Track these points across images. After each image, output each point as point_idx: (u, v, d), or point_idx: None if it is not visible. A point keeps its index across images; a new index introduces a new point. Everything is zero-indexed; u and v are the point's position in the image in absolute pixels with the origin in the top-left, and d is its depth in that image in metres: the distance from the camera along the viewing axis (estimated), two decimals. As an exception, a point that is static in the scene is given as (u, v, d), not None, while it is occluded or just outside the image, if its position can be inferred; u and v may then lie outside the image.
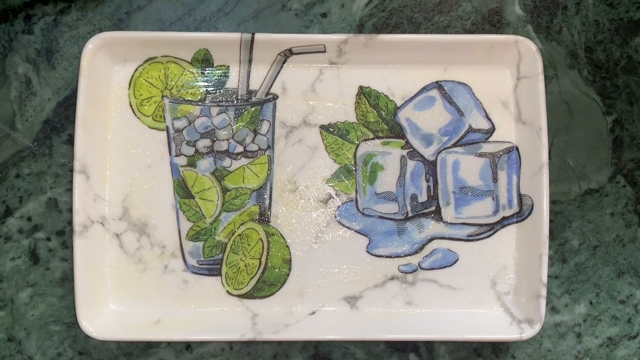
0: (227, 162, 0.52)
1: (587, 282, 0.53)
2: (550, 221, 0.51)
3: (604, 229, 0.53)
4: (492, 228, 0.52)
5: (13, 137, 0.52)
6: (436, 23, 0.53)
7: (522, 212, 0.51)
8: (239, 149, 0.52)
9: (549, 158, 0.50)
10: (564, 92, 0.53)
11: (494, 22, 0.53)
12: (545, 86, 0.50)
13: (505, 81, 0.52)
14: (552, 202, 0.52)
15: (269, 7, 0.54)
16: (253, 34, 0.49)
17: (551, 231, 0.52)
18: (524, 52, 0.50)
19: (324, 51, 0.51)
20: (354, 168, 0.52)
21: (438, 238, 0.52)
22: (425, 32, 0.53)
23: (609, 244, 0.53)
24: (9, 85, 0.53)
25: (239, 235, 0.51)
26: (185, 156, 0.51)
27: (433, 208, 0.52)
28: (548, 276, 0.50)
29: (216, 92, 0.52)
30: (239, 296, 0.51)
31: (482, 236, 0.52)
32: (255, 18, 0.54)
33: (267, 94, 0.52)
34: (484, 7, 0.53)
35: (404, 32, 0.53)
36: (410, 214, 0.52)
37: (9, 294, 0.52)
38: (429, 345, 0.52)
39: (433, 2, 0.53)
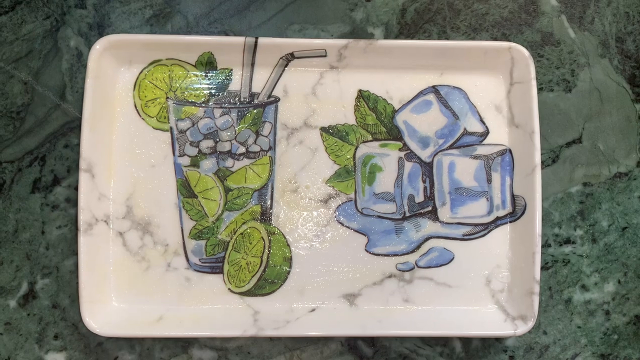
0: (229, 162, 0.53)
1: (615, 261, 0.55)
2: (581, 202, 0.53)
3: (632, 211, 0.55)
4: (486, 228, 0.53)
5: (63, 108, 0.53)
6: (475, 10, 0.55)
7: (515, 212, 0.53)
8: (242, 149, 0.53)
9: (580, 142, 0.54)
10: (595, 80, 0.56)
11: (529, 12, 0.56)
12: (578, 74, 0.53)
13: (499, 86, 0.54)
14: (584, 185, 0.55)
15: None
16: (256, 38, 0.51)
17: (582, 212, 0.54)
18: (517, 58, 0.52)
19: (325, 55, 0.52)
20: (353, 169, 0.53)
21: (434, 237, 0.53)
22: (464, 19, 0.56)
23: (637, 226, 0.55)
24: (61, 57, 0.54)
25: (241, 234, 0.53)
26: (189, 156, 0.53)
27: (429, 208, 0.53)
28: (578, 255, 0.52)
29: (219, 94, 0.53)
30: (240, 294, 0.52)
31: (476, 235, 0.53)
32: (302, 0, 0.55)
33: (269, 96, 0.53)
34: None
35: (444, 18, 0.55)
36: (407, 214, 0.53)
37: (54, 261, 0.53)
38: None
39: None
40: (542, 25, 0.56)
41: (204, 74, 0.53)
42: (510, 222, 0.53)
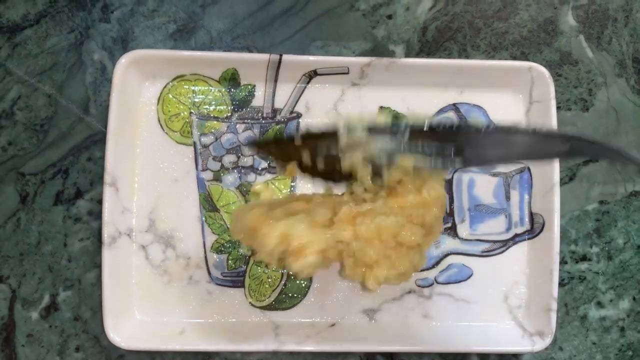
0: (251, 177, 0.53)
1: (630, 279, 0.56)
2: (597, 220, 0.55)
3: None
4: (504, 244, 0.54)
5: (86, 121, 0.54)
6: (495, 29, 0.56)
7: (534, 230, 0.53)
8: (264, 164, 0.53)
9: (597, 160, 0.55)
10: (612, 99, 0.57)
11: (548, 31, 0.57)
12: (595, 93, 0.54)
13: (518, 105, 0.55)
14: (600, 202, 0.56)
15: (338, 6, 0.56)
16: (281, 55, 0.51)
17: (598, 230, 0.55)
18: (537, 78, 0.53)
19: (347, 73, 0.53)
20: (373, 185, 0.54)
21: (454, 253, 0.54)
22: (484, 38, 0.57)
23: (652, 244, 0.57)
24: (85, 70, 0.55)
25: (262, 248, 0.53)
26: (212, 171, 0.53)
27: (449, 224, 0.54)
28: (594, 272, 0.53)
29: (242, 110, 0.54)
30: (261, 308, 0.52)
31: (495, 252, 0.54)
32: (325, 16, 0.56)
33: (292, 112, 0.54)
34: (540, 16, 0.57)
35: (465, 36, 0.56)
36: (427, 230, 0.54)
37: (76, 274, 0.53)
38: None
39: (493, 9, 0.56)
40: (561, 45, 0.57)
41: (227, 90, 0.53)
42: (529, 239, 0.54)
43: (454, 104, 0.55)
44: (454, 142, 0.40)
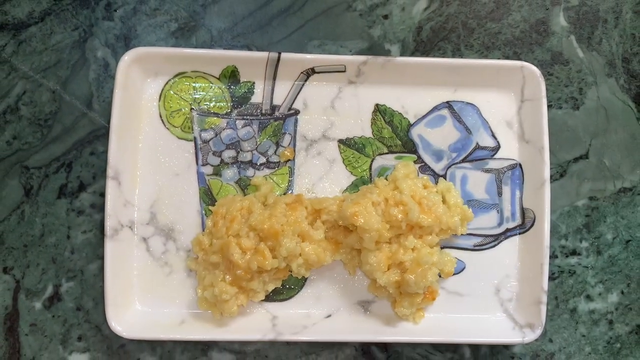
0: (250, 172, 0.55)
1: (619, 273, 0.57)
2: (587, 216, 0.56)
3: (636, 225, 0.58)
4: (496, 239, 0.55)
5: (90, 117, 0.55)
6: (488, 29, 0.57)
7: (525, 225, 0.55)
8: (262, 159, 0.55)
9: (587, 158, 0.56)
10: (602, 98, 0.58)
11: (540, 31, 0.58)
12: (586, 92, 0.56)
13: (510, 103, 0.56)
14: (590, 199, 0.57)
15: (335, 6, 0.58)
16: (279, 53, 0.53)
17: (587, 225, 0.57)
18: (529, 77, 0.54)
19: (344, 71, 0.54)
20: (369, 180, 0.55)
21: (447, 247, 0.55)
22: (478, 38, 0.58)
23: (640, 239, 0.58)
24: (88, 67, 0.56)
25: (260, 241, 0.54)
26: (211, 165, 0.54)
27: (442, 219, 0.55)
28: (583, 266, 0.55)
29: (242, 106, 0.55)
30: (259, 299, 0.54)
31: (487, 246, 0.55)
32: (323, 16, 0.57)
33: (290, 109, 0.55)
34: (532, 17, 0.58)
35: (458, 36, 0.58)
36: (421, 224, 0.55)
37: (79, 265, 0.54)
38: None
39: (486, 9, 0.58)
40: (552, 45, 0.59)
41: (227, 86, 0.55)
42: (520, 233, 0.55)
43: (448, 102, 0.56)
44: None
